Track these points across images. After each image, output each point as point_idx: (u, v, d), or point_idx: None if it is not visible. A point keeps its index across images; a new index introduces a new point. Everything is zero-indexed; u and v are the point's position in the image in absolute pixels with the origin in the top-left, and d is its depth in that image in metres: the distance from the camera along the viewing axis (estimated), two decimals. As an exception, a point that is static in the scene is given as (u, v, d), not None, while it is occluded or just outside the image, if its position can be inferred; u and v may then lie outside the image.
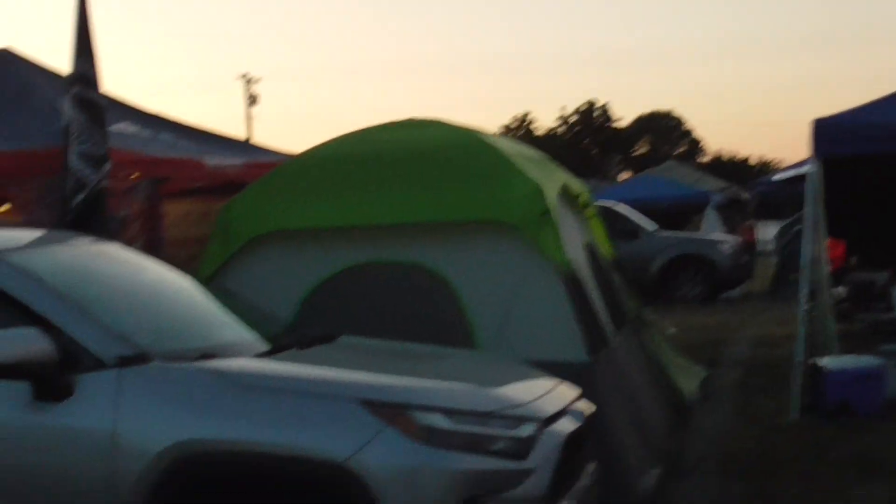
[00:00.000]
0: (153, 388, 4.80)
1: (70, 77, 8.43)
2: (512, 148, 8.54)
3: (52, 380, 4.81)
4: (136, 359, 4.87)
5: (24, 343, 4.76)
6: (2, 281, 5.06)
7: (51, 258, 5.63)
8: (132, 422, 4.73)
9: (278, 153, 11.86)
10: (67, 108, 8.39)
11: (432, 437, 4.67)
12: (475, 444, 4.74)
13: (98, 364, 4.86)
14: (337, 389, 4.80)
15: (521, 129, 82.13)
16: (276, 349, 5.50)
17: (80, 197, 8.20)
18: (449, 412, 4.76)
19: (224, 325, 5.93)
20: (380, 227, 7.77)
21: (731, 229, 27.45)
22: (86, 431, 4.76)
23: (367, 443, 4.60)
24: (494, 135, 9.07)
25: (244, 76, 56.15)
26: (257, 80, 53.04)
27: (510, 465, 4.77)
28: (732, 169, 68.47)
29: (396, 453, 4.61)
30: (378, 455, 4.59)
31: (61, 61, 9.18)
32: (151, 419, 4.72)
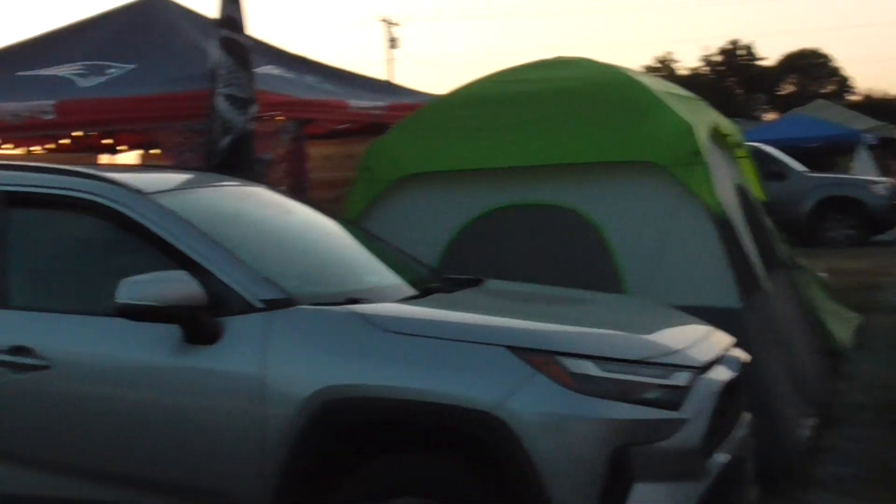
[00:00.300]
0: (300, 333, 4.77)
1: (217, 20, 8.45)
2: (660, 85, 8.32)
3: (201, 323, 4.81)
4: (283, 302, 4.85)
5: (175, 286, 4.77)
6: (151, 222, 5.07)
7: (198, 200, 5.64)
8: (279, 366, 4.71)
9: (421, 94, 11.78)
10: (214, 50, 8.41)
11: (582, 384, 4.55)
12: (626, 393, 4.61)
13: (245, 308, 4.85)
14: (484, 335, 4.70)
15: (662, 70, 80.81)
16: (421, 294, 5.44)
17: (227, 139, 8.22)
18: (599, 359, 4.63)
19: (370, 268, 5.89)
20: (524, 168, 7.65)
21: (883, 170, 26.64)
22: (234, 375, 4.76)
23: (516, 390, 4.50)
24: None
25: (385, 19, 56.28)
26: (397, 23, 53.01)
27: (662, 414, 4.63)
28: (884, 108, 66.43)
29: (545, 401, 4.50)
30: (526, 402, 4.49)
31: (208, 5, 9.21)
32: (298, 364, 4.70)
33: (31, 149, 11.31)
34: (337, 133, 11.09)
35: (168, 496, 4.88)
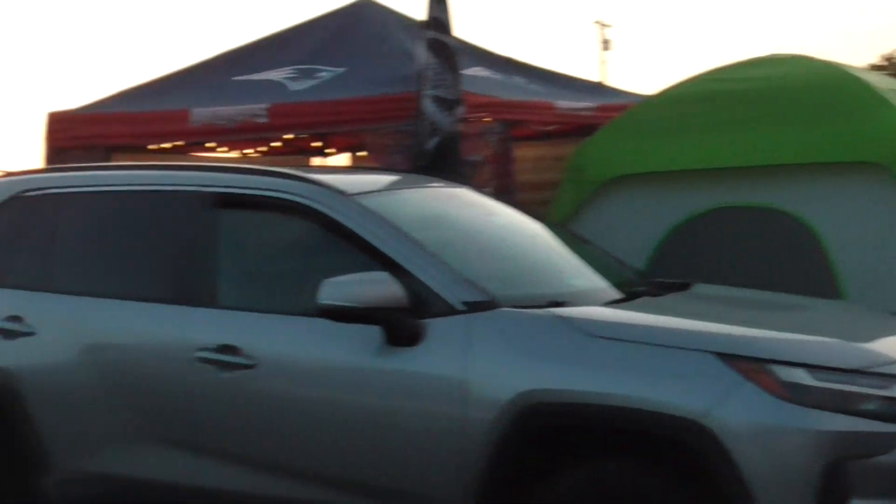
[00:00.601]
0: (502, 335, 4.70)
1: (424, 22, 8.49)
2: (882, 82, 7.97)
3: (403, 325, 4.79)
4: (485, 305, 4.79)
5: (377, 287, 4.76)
6: (353, 223, 5.08)
7: (403, 202, 5.64)
8: (481, 369, 4.65)
9: (631, 95, 11.61)
10: (421, 52, 8.45)
11: (794, 393, 4.35)
12: (841, 403, 4.38)
13: (447, 310, 4.81)
14: (692, 341, 4.54)
15: (889, 69, 78.06)
16: (627, 297, 5.31)
17: (434, 141, 8.25)
18: (812, 367, 4.42)
19: (575, 271, 5.78)
20: (737, 169, 7.44)
21: None
22: (436, 377, 4.72)
23: (724, 398, 4.33)
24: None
25: (598, 21, 55.98)
26: (610, 25, 52.65)
27: (881, 427, 4.38)
28: None
29: (755, 410, 4.31)
30: (735, 412, 4.31)
31: (416, 8, 9.28)
32: (500, 367, 4.64)
33: (245, 151, 11.61)
34: (545, 135, 11.01)
35: (367, 497, 4.88)
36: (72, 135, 9.88)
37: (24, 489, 5.46)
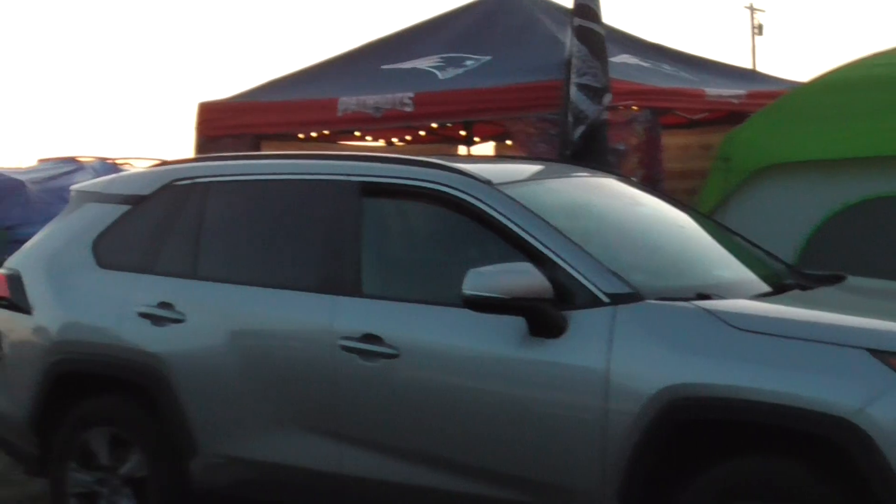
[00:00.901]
0: (646, 328, 4.63)
1: (572, 9, 8.42)
2: None
3: (547, 316, 4.75)
4: (630, 297, 4.72)
5: (521, 278, 4.72)
6: (499, 213, 5.05)
7: (549, 191, 5.59)
8: (626, 362, 4.59)
9: (784, 81, 11.36)
10: (569, 40, 8.38)
11: None
12: None
13: (591, 301, 4.75)
14: (844, 336, 4.41)
15: None
16: (776, 290, 5.18)
17: (580, 129, 8.16)
18: None
19: (722, 263, 5.66)
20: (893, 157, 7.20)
21: None
22: (579, 369, 4.67)
23: (876, 396, 4.19)
24: None
25: (749, 6, 54.90)
26: (762, 10, 51.69)
27: None
28: None
29: None
30: (888, 410, 4.17)
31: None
32: (644, 360, 4.56)
33: (392, 140, 11.67)
34: (694, 122, 10.84)
35: (507, 487, 4.85)
36: (222, 124, 10.08)
37: (174, 472, 5.56)
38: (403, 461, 5.06)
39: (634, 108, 9.15)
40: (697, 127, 10.87)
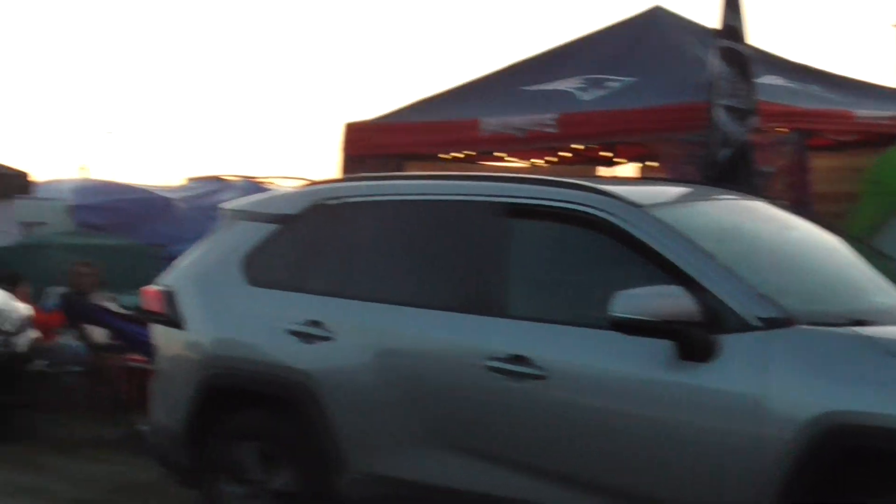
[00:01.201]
0: (800, 354, 4.55)
1: (717, 30, 8.34)
2: None
3: (696, 340, 4.70)
4: (782, 322, 4.64)
5: (670, 301, 4.69)
6: (647, 236, 5.02)
7: (695, 214, 5.55)
8: (779, 387, 4.52)
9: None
10: (714, 61, 8.30)
11: None
12: None
13: (741, 325, 4.69)
14: None
15: None
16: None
17: (726, 152, 8.09)
18: None
19: (878, 289, 5.52)
20: None
21: None
22: (730, 394, 4.62)
23: None
24: None
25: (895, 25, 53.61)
26: (909, 28, 50.38)
27: None
28: None
29: None
30: None
31: (709, 17, 9.12)
32: (800, 386, 4.49)
33: (534, 161, 11.67)
34: (844, 145, 10.62)
35: None
36: (367, 144, 10.20)
37: (324, 487, 5.63)
38: (552, 483, 5.04)
39: (782, 130, 9.00)
40: (846, 149, 10.64)
